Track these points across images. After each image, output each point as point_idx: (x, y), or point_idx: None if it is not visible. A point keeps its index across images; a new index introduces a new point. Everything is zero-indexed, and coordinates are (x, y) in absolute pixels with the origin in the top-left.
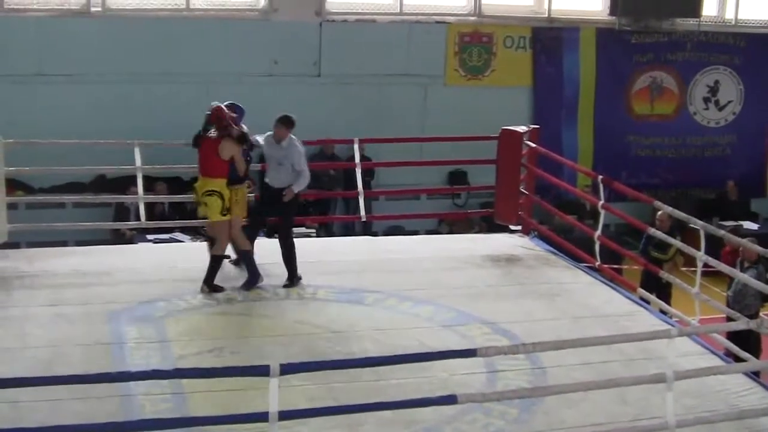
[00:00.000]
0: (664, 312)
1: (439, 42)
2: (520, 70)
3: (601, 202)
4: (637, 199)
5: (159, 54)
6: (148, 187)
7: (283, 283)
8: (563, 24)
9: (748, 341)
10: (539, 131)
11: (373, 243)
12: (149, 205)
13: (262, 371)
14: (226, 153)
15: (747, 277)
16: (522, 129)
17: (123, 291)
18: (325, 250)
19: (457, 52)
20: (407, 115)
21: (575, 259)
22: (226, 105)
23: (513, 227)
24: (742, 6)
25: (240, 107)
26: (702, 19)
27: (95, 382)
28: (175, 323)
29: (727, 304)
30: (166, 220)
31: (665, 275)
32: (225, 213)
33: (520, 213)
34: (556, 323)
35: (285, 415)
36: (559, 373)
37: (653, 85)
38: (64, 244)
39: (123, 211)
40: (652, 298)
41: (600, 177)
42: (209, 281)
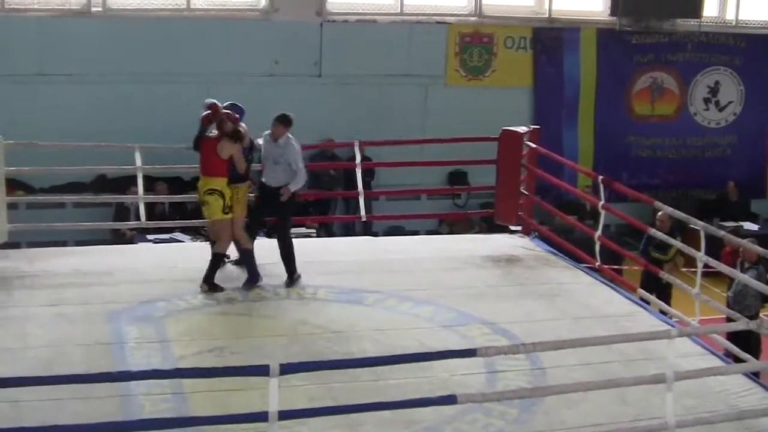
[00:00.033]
0: (664, 312)
1: (439, 42)
2: (521, 70)
3: (602, 202)
4: (638, 200)
5: (160, 54)
6: (149, 187)
7: (284, 282)
8: (564, 24)
9: (748, 342)
10: (540, 131)
11: (373, 243)
12: (149, 205)
13: (262, 371)
14: (225, 152)
15: (747, 278)
16: (522, 129)
17: (123, 291)
18: (325, 250)
19: (457, 52)
20: (408, 116)
21: (575, 259)
22: (226, 105)
23: (513, 228)
24: (743, 7)
25: (240, 107)
26: (703, 19)
27: (95, 382)
28: (176, 323)
29: (727, 304)
30: (167, 220)
31: (665, 276)
32: (226, 211)
33: (520, 213)
34: (557, 324)
35: (285, 415)
36: (559, 373)
37: (654, 86)
38: (65, 244)
39: (123, 211)
40: (653, 298)
41: (600, 177)
42: (209, 279)
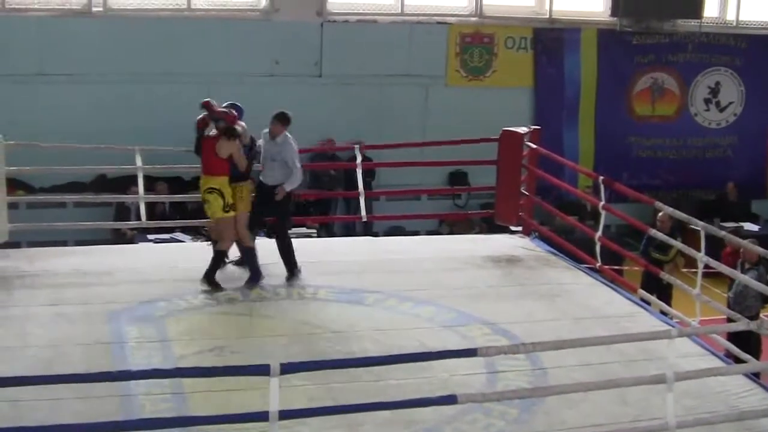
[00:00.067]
0: (664, 313)
1: (440, 42)
2: (521, 70)
3: (602, 203)
4: (638, 200)
5: (160, 54)
6: (149, 187)
7: (285, 277)
8: (564, 25)
9: (748, 342)
10: (540, 132)
11: (373, 243)
12: (150, 205)
13: (263, 371)
14: (224, 151)
15: (748, 279)
16: (523, 130)
17: (124, 291)
18: (325, 250)
19: (458, 52)
20: (408, 116)
21: (576, 260)
22: (225, 105)
23: (513, 228)
24: (744, 7)
25: (239, 107)
26: (703, 20)
27: (95, 381)
28: (176, 323)
29: (727, 305)
30: (167, 219)
31: (666, 276)
32: (227, 210)
33: (520, 214)
34: (557, 324)
35: (285, 415)
36: (560, 373)
37: (654, 86)
38: (65, 243)
39: (124, 211)
40: (653, 299)
41: (601, 178)
42: (210, 276)
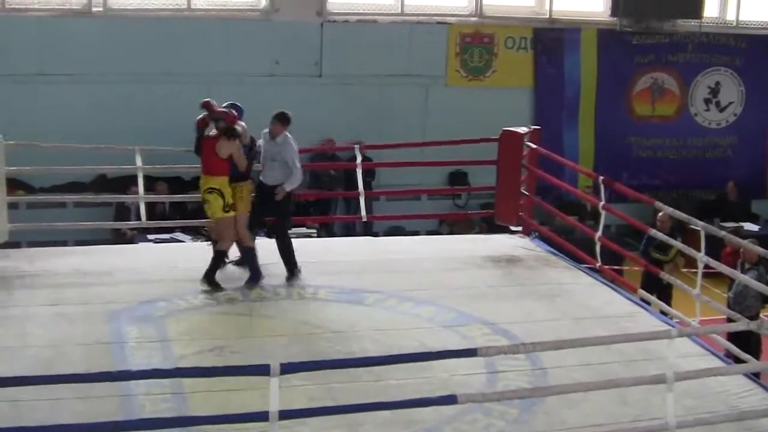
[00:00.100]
0: (664, 313)
1: (440, 42)
2: (521, 70)
3: (602, 203)
4: (638, 200)
5: (160, 54)
6: (149, 187)
7: (285, 277)
8: (564, 25)
9: (748, 342)
10: (540, 132)
11: (373, 243)
12: (150, 205)
13: (263, 371)
14: (224, 151)
15: (748, 279)
16: (523, 130)
17: (124, 291)
18: (325, 250)
19: (458, 52)
20: (408, 116)
21: (576, 260)
22: (224, 105)
23: (513, 228)
24: (744, 7)
25: (239, 107)
26: (703, 20)
27: (95, 381)
28: (176, 323)
29: (727, 305)
30: (167, 219)
31: (666, 276)
32: (227, 210)
33: (520, 214)
34: (557, 324)
35: (285, 415)
36: (560, 373)
37: (654, 86)
38: (65, 243)
39: (124, 211)
40: (653, 299)
41: (601, 178)
42: (210, 276)
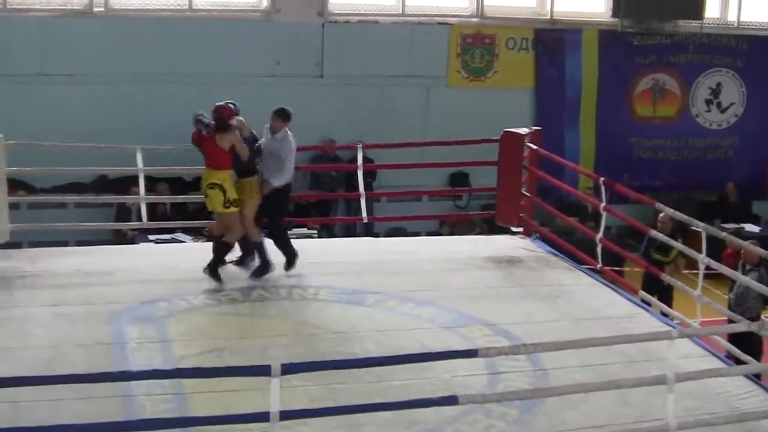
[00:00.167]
0: (665, 314)
1: (441, 43)
2: (523, 71)
3: (603, 204)
4: (639, 201)
5: (161, 54)
6: (150, 188)
7: (284, 266)
8: (566, 26)
9: (749, 344)
10: (541, 133)
11: (374, 244)
12: (151, 206)
13: (264, 371)
14: (226, 143)
15: (749, 280)
16: (524, 131)
17: (124, 291)
18: (326, 251)
19: (459, 53)
20: (409, 117)
21: (577, 261)
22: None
23: (514, 229)
24: (745, 8)
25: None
26: (704, 21)
27: (96, 382)
28: (177, 323)
29: (728, 306)
30: (168, 220)
31: (667, 277)
32: (228, 205)
33: (521, 215)
34: (558, 325)
35: (286, 416)
36: (560, 374)
37: (655, 87)
38: (66, 244)
39: (124, 212)
40: (654, 300)
41: (602, 179)
42: (213, 267)
